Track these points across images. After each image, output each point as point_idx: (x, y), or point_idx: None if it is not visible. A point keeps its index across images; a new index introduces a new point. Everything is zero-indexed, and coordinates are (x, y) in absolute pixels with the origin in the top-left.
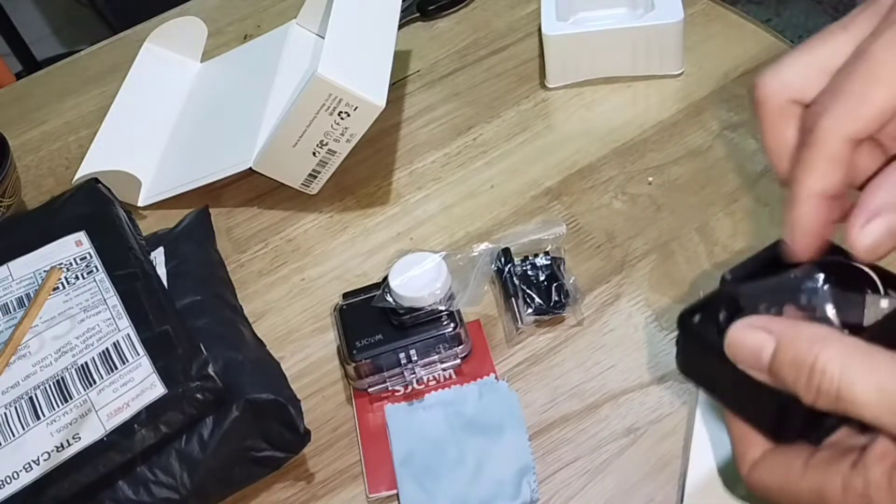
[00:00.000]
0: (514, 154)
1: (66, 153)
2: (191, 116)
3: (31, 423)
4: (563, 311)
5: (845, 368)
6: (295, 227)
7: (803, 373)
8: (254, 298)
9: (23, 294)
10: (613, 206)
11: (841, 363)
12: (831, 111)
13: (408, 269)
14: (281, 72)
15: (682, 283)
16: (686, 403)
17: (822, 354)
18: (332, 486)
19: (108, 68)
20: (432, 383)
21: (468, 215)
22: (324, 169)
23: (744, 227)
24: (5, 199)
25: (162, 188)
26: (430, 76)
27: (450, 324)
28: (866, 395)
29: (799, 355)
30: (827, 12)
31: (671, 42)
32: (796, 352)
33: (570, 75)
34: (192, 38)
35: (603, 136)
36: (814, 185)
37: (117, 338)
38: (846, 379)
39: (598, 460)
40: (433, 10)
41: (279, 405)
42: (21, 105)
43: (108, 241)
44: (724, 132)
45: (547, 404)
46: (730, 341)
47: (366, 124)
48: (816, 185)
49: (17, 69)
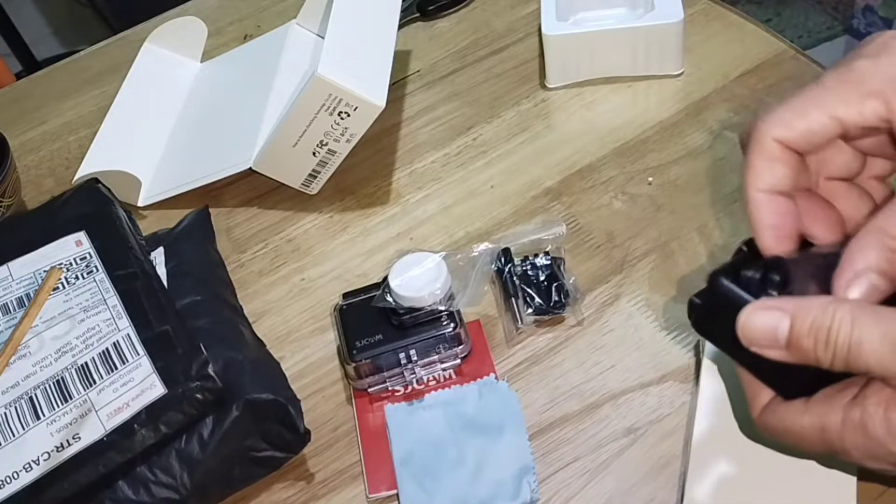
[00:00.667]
0: (514, 154)
1: (66, 153)
2: (191, 116)
3: (31, 423)
4: (563, 311)
5: (855, 321)
6: (295, 227)
7: (822, 336)
8: (254, 298)
9: (23, 294)
10: (613, 206)
11: (852, 318)
12: (769, 118)
13: (408, 269)
14: (281, 72)
15: (682, 283)
16: (686, 403)
17: (837, 314)
18: (332, 486)
19: (108, 68)
20: (432, 383)
21: (468, 215)
22: (324, 169)
23: (744, 227)
24: (5, 199)
25: (162, 188)
26: (430, 76)
27: (450, 324)
28: (871, 343)
29: (816, 320)
30: (827, 12)
31: (671, 42)
32: (813, 318)
33: (570, 75)
34: (192, 38)
35: (603, 136)
36: (756, 183)
37: (117, 338)
38: (856, 332)
39: (598, 460)
40: (433, 10)
41: (279, 405)
42: (21, 105)
43: (108, 241)
44: (724, 132)
45: (547, 404)
46: (743, 324)
47: (366, 124)
48: (758, 182)
49: (17, 69)
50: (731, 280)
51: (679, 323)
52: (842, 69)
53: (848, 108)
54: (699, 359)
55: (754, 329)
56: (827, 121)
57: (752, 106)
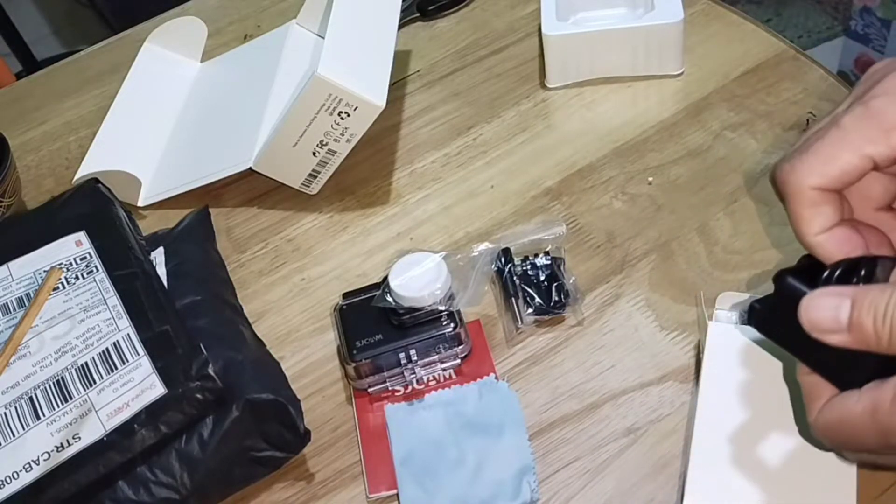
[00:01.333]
0: (514, 154)
1: (66, 153)
2: (191, 116)
3: (31, 423)
4: (563, 311)
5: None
6: (295, 227)
7: (879, 313)
8: (254, 298)
9: (23, 294)
10: (613, 206)
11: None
12: (799, 168)
13: (408, 269)
14: (281, 72)
15: (682, 283)
16: (686, 403)
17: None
18: (332, 486)
19: (108, 68)
20: (432, 383)
21: (468, 215)
22: (324, 169)
23: (744, 227)
24: (5, 199)
25: (162, 188)
26: (430, 76)
27: (450, 324)
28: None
29: (875, 299)
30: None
31: (671, 42)
32: (872, 298)
33: (570, 75)
34: (192, 38)
35: (603, 136)
36: (810, 231)
37: (117, 338)
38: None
39: (598, 460)
40: (433, 10)
41: (279, 405)
42: (21, 105)
43: (108, 241)
44: (724, 132)
45: (547, 404)
46: (805, 308)
47: (366, 124)
48: (812, 228)
49: (17, 69)
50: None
51: (679, 323)
52: (858, 109)
53: (876, 146)
54: (699, 359)
55: (817, 312)
56: (857, 161)
57: (752, 106)
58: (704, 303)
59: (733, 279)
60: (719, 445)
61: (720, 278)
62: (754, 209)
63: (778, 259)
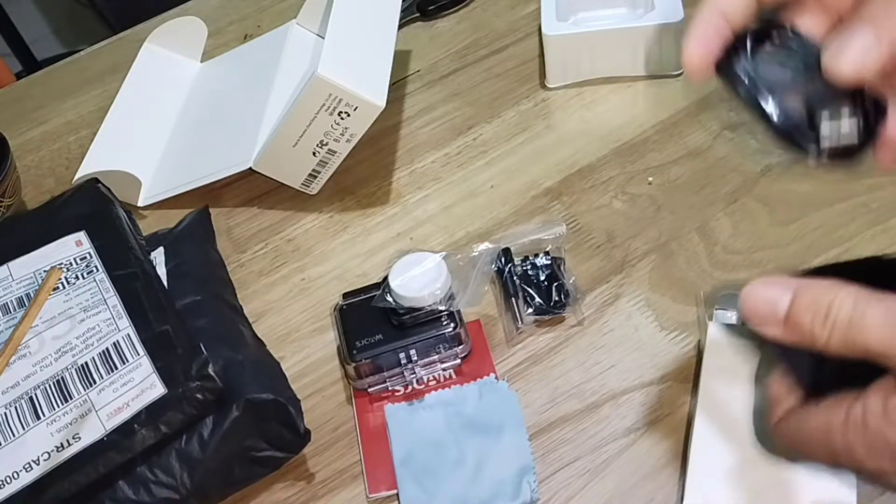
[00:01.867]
0: (514, 154)
1: (66, 153)
2: (191, 116)
3: (31, 423)
4: (563, 311)
5: (857, 301)
6: (295, 227)
7: (820, 311)
8: (254, 298)
9: (23, 294)
10: (613, 206)
11: (854, 299)
12: None
13: (408, 269)
14: (281, 72)
15: (682, 283)
16: (686, 403)
17: (839, 294)
18: (332, 486)
19: (108, 68)
20: (432, 383)
21: (468, 215)
22: (324, 169)
23: (744, 227)
24: (5, 199)
25: (162, 188)
26: (430, 76)
27: (450, 324)
28: (874, 318)
29: (817, 297)
30: None
31: (671, 42)
32: (814, 295)
33: (570, 75)
34: (192, 38)
35: (603, 136)
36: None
37: (117, 338)
38: (858, 309)
39: (598, 460)
40: (433, 10)
41: (279, 405)
42: (21, 105)
43: (108, 241)
44: (724, 132)
45: (547, 404)
46: (745, 297)
47: (366, 124)
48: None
49: (17, 69)
50: None
51: (679, 323)
52: None
53: None
54: (699, 359)
55: (758, 299)
56: None
57: None
58: (704, 303)
59: (733, 279)
60: (719, 445)
61: (720, 278)
62: (754, 209)
63: (778, 259)
